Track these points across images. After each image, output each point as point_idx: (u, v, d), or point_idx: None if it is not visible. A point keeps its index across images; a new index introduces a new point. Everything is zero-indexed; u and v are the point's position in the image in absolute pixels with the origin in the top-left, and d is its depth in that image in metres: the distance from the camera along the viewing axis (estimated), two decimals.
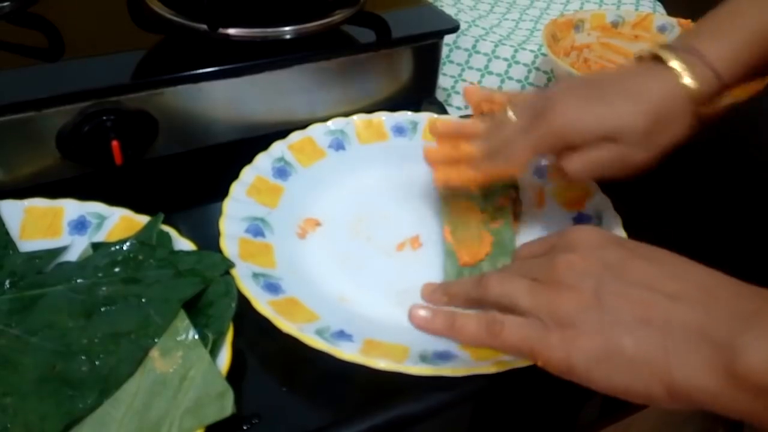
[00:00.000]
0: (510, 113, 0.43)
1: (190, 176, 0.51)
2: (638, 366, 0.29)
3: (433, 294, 0.40)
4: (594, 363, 0.30)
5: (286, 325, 0.37)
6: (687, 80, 0.40)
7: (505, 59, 0.66)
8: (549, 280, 0.33)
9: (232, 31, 0.50)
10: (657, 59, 0.41)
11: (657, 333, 0.29)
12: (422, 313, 0.35)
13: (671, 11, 0.77)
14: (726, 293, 0.30)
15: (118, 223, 0.42)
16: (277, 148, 0.50)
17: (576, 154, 0.40)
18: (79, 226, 0.42)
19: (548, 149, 0.42)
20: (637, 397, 0.30)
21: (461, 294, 0.38)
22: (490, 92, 0.46)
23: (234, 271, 0.39)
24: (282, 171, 0.49)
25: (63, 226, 0.42)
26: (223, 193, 0.45)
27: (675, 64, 0.40)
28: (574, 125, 0.40)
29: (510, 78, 0.66)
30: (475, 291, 0.36)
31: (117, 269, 0.39)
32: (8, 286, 0.38)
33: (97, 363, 0.35)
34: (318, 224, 0.48)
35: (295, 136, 0.51)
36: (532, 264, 0.35)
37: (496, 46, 0.67)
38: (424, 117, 0.55)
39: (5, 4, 0.53)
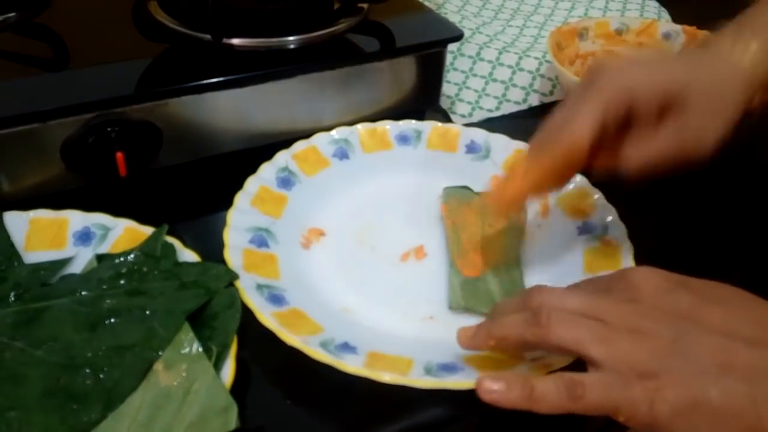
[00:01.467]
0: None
1: (194, 187, 0.51)
2: (725, 417, 0.28)
3: (474, 339, 0.35)
4: (678, 415, 0.28)
5: (290, 337, 0.37)
6: (738, 57, 0.39)
7: (509, 66, 0.66)
8: (621, 327, 0.31)
9: (236, 41, 0.50)
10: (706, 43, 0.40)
11: (742, 381, 0.28)
12: (495, 386, 0.30)
13: (676, 18, 0.77)
14: None
15: (123, 234, 0.42)
16: (281, 157, 0.50)
17: (639, 142, 0.38)
18: (84, 237, 0.42)
19: (613, 112, 0.37)
20: None
21: (512, 336, 0.33)
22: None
23: (238, 283, 0.39)
24: (286, 181, 0.49)
25: (68, 238, 0.42)
26: (228, 203, 0.45)
27: (726, 41, 0.39)
28: (638, 80, 0.37)
29: (514, 85, 0.65)
30: (531, 334, 0.32)
31: (121, 281, 0.39)
32: (13, 298, 0.38)
33: (101, 376, 0.35)
34: (322, 234, 0.48)
35: (299, 146, 0.51)
36: (593, 303, 0.33)
37: (500, 53, 0.67)
38: (429, 125, 0.55)
39: (11, 14, 0.53)
